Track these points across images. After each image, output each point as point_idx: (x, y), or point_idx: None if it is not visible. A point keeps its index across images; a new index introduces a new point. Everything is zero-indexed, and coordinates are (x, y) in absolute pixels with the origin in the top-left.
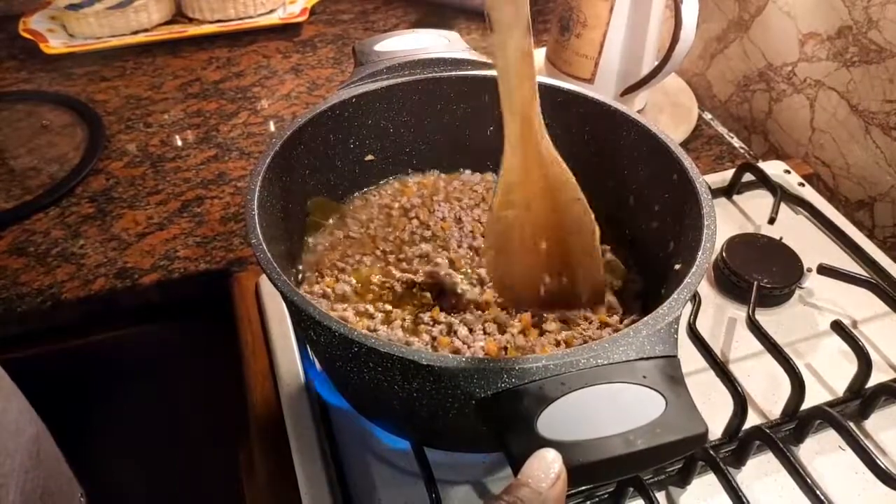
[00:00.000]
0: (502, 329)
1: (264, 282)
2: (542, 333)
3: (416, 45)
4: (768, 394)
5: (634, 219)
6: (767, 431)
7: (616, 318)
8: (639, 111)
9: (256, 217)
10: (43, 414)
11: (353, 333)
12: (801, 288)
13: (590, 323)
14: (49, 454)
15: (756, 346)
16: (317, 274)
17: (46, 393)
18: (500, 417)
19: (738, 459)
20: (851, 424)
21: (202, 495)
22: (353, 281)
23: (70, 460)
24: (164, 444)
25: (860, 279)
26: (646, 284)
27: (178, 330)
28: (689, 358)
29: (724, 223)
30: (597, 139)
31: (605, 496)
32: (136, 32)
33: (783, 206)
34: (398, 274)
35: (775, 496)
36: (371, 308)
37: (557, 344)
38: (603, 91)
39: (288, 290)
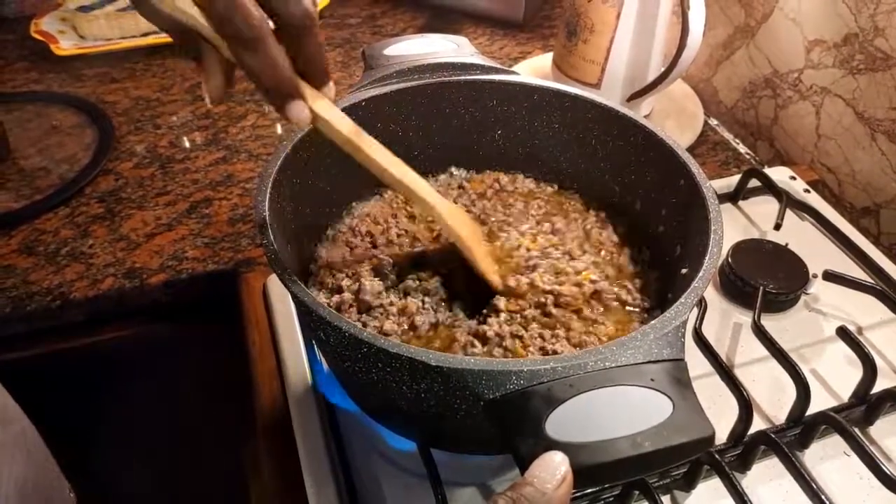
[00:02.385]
0: None
1: (272, 282)
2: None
3: (426, 49)
4: (773, 399)
5: (641, 223)
6: (773, 436)
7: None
8: (645, 117)
9: (267, 218)
10: (48, 412)
11: (362, 334)
12: (807, 294)
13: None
14: (37, 449)
15: (761, 351)
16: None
17: (53, 391)
18: (508, 419)
19: (744, 464)
20: (856, 430)
21: (206, 495)
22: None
23: (74, 459)
24: (168, 444)
25: (865, 285)
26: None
27: (185, 330)
28: (695, 363)
29: (729, 229)
30: (604, 144)
31: (611, 499)
32: (146, 34)
33: (789, 213)
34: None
35: (780, 501)
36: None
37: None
38: (609, 96)
39: (298, 291)
